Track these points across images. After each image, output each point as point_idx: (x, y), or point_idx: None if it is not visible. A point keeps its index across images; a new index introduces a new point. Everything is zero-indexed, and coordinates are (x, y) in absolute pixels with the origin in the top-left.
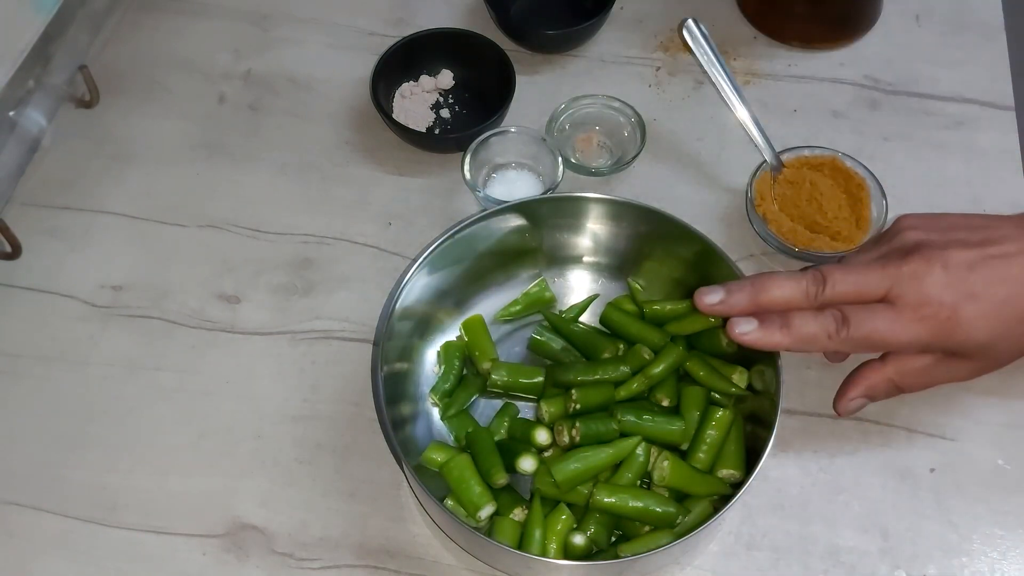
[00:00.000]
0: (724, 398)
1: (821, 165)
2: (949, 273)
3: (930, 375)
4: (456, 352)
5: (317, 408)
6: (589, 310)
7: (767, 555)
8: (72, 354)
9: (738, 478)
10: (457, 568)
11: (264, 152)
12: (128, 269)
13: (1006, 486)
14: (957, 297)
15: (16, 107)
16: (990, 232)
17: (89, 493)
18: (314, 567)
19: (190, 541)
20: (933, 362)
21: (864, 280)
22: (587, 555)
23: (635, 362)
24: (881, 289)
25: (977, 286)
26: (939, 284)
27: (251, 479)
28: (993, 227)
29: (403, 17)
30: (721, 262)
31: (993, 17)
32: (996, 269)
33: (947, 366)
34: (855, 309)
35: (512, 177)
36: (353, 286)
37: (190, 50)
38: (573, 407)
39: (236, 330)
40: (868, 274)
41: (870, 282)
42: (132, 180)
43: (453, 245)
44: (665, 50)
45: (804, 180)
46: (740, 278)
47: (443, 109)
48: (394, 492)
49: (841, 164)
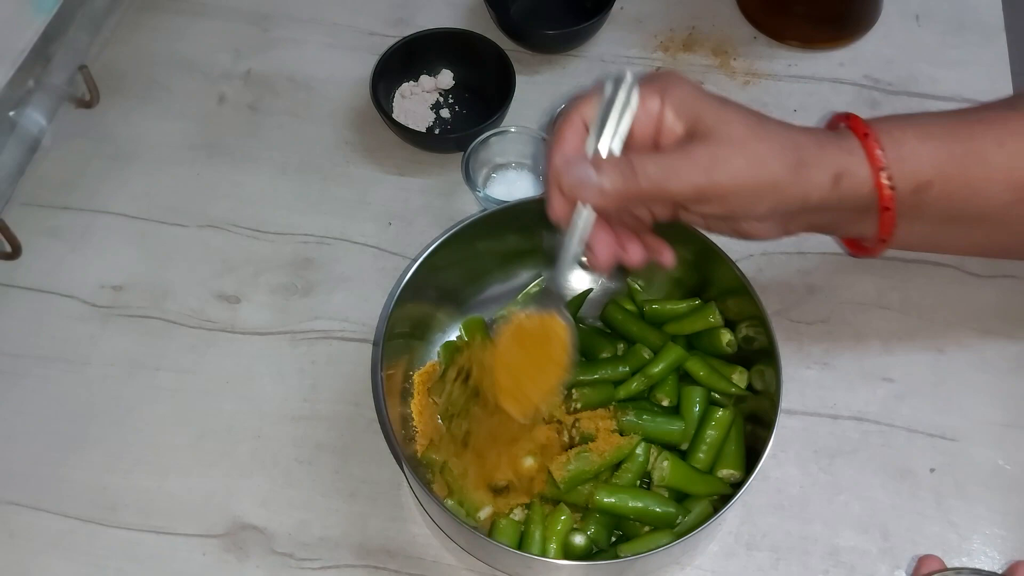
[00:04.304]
0: (724, 398)
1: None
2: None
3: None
4: (456, 352)
5: (317, 408)
6: (590, 310)
7: (767, 555)
8: (72, 354)
9: (738, 478)
10: (457, 568)
11: (264, 152)
12: (128, 269)
13: (1006, 486)
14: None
15: (16, 107)
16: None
17: (89, 493)
18: (314, 567)
19: (190, 541)
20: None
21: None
22: (587, 555)
23: (635, 362)
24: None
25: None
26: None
27: (251, 479)
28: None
29: (403, 17)
30: (721, 262)
31: (993, 17)
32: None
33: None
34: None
35: (512, 177)
36: (353, 286)
37: (190, 50)
38: (573, 407)
39: (236, 330)
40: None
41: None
42: (132, 180)
43: (453, 245)
44: (665, 50)
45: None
46: (740, 278)
47: (443, 109)
48: (394, 492)
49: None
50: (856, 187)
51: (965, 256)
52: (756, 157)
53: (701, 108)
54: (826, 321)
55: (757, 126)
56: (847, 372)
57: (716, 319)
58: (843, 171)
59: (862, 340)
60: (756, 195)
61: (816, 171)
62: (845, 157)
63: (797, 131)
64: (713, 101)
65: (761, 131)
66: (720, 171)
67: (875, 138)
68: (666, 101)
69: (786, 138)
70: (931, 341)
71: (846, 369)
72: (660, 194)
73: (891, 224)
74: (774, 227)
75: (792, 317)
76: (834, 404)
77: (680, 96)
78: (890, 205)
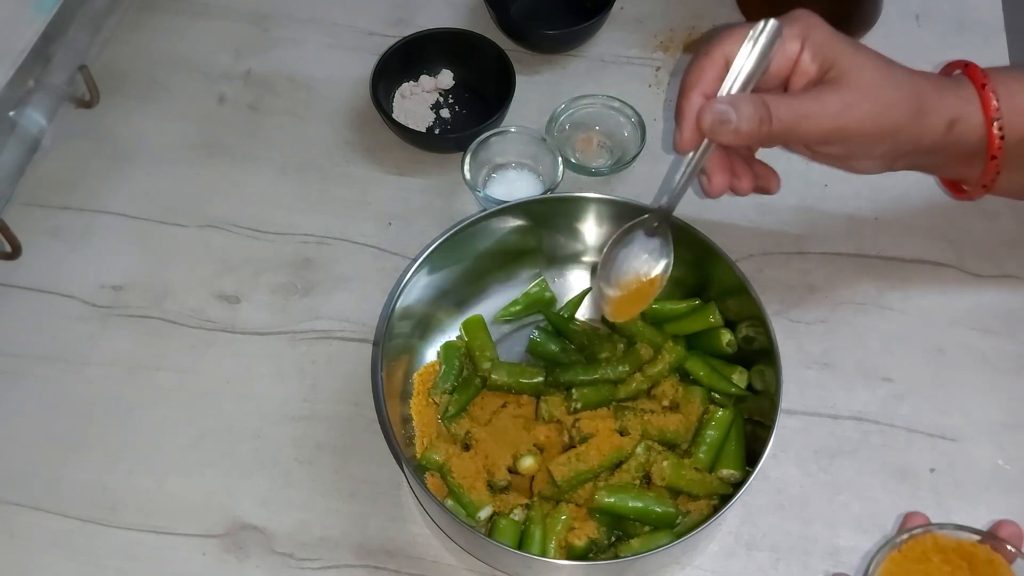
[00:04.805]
0: (724, 398)
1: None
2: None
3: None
4: (456, 352)
5: (317, 408)
6: (590, 310)
7: (767, 555)
8: (72, 354)
9: (738, 478)
10: (457, 568)
11: (264, 152)
12: (128, 269)
13: (1006, 486)
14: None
15: (16, 107)
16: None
17: (89, 493)
18: (314, 567)
19: (190, 541)
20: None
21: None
22: (587, 555)
23: (635, 361)
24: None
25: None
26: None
27: (251, 479)
28: None
29: (403, 17)
30: (721, 262)
31: (993, 17)
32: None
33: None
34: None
35: (512, 177)
36: (353, 286)
37: (190, 50)
38: (573, 407)
39: (236, 330)
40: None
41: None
42: (132, 180)
43: (453, 245)
44: (665, 50)
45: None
46: (740, 278)
47: (443, 109)
48: (394, 492)
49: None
50: (967, 133)
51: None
52: (883, 104)
53: (837, 53)
54: (826, 321)
55: (887, 72)
56: (847, 372)
57: (716, 319)
58: (957, 117)
59: (862, 340)
60: (877, 139)
61: (934, 117)
62: (962, 105)
63: (919, 77)
64: (848, 46)
65: (889, 78)
66: (849, 116)
67: (991, 88)
68: (806, 45)
69: (911, 85)
70: (931, 341)
71: (846, 369)
72: (790, 137)
73: (995, 171)
74: (882, 165)
75: (792, 317)
76: (834, 404)
77: (819, 41)
78: (997, 154)
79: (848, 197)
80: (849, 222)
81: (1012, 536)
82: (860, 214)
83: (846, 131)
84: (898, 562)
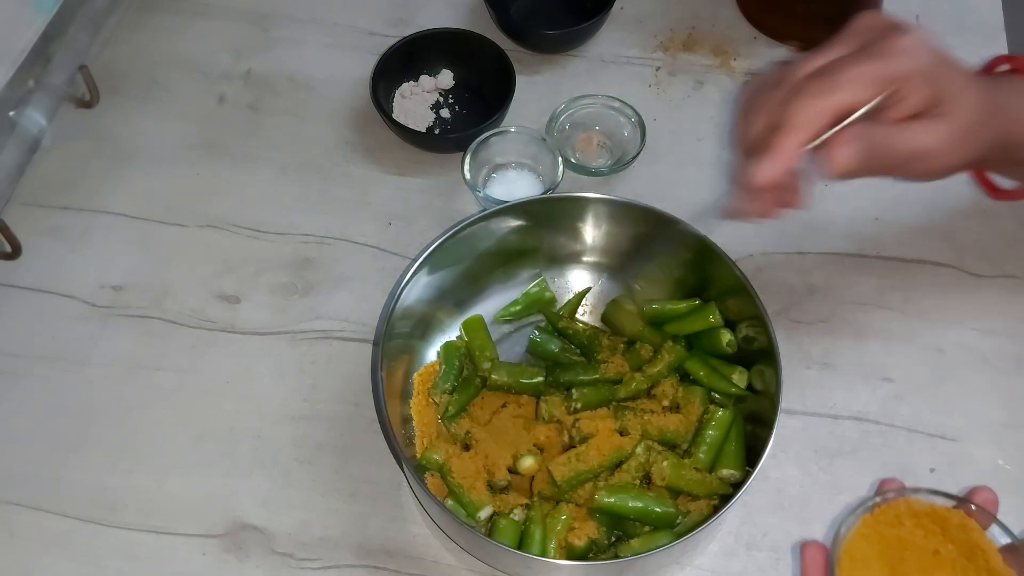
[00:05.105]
0: (724, 398)
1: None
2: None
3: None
4: (456, 352)
5: (317, 408)
6: (590, 310)
7: (767, 555)
8: (72, 354)
9: (738, 478)
10: (457, 568)
11: (264, 152)
12: (128, 269)
13: (1006, 486)
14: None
15: (16, 107)
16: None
17: (89, 493)
18: (314, 567)
19: (190, 541)
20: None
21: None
22: (587, 555)
23: (635, 361)
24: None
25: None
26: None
27: (251, 479)
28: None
29: (403, 17)
30: (721, 262)
31: (993, 17)
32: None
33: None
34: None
35: (512, 177)
36: (353, 286)
37: (190, 50)
38: (573, 407)
39: (236, 330)
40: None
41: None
42: (132, 180)
43: (453, 245)
44: (665, 50)
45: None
46: (740, 278)
47: (443, 109)
48: (394, 492)
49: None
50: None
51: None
52: (965, 134)
53: (944, 87)
54: (826, 321)
55: (977, 102)
56: (847, 372)
57: (716, 319)
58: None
59: (862, 340)
60: (950, 165)
61: (994, 132)
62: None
63: (1002, 95)
64: (956, 77)
65: (978, 107)
66: (930, 143)
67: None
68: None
69: (990, 114)
70: (931, 341)
71: (846, 369)
72: (878, 167)
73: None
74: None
75: (792, 317)
76: (834, 404)
77: (936, 87)
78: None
79: (848, 197)
80: (849, 222)
81: (987, 502)
82: (860, 214)
83: (925, 154)
84: (871, 525)
